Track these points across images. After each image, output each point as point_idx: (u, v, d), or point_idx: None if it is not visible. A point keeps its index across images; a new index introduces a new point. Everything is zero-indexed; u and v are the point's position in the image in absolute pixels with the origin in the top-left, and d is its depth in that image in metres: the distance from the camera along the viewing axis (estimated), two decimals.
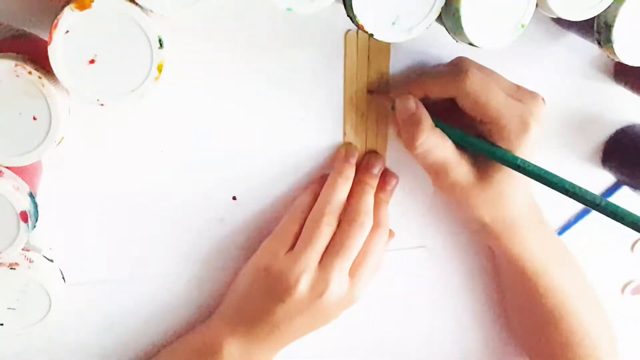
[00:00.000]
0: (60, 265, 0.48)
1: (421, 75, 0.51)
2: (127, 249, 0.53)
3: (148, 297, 0.55)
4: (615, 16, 0.46)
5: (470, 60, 0.51)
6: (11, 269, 0.44)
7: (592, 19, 0.46)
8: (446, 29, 0.45)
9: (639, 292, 0.68)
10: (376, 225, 0.53)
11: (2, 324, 0.46)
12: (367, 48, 0.52)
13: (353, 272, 0.52)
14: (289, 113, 0.52)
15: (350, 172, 0.53)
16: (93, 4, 0.38)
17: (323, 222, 0.51)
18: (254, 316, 0.52)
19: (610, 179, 0.62)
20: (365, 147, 0.55)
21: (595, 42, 0.48)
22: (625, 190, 0.62)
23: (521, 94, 0.50)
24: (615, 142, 0.60)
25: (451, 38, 0.45)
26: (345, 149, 0.54)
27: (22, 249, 0.44)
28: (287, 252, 0.52)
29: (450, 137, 0.50)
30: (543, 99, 0.50)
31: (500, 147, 0.49)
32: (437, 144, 0.49)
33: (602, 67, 0.57)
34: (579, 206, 0.62)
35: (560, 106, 0.58)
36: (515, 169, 0.49)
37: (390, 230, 0.56)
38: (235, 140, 0.52)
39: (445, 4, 0.43)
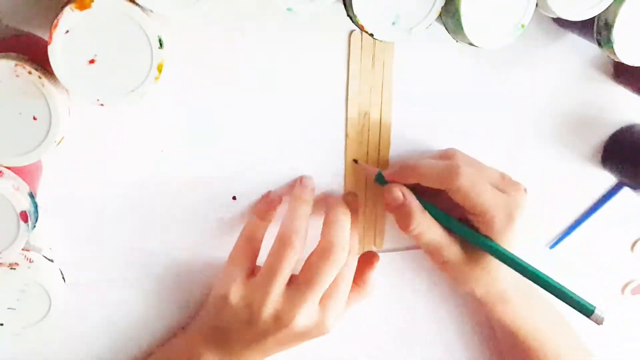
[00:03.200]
0: (60, 265, 0.48)
1: (415, 167, 0.52)
2: (127, 249, 0.53)
3: (148, 297, 0.55)
4: (615, 16, 0.46)
5: (461, 155, 0.54)
6: (11, 269, 0.44)
7: (592, 19, 0.46)
8: (446, 29, 0.45)
9: (639, 292, 0.68)
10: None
11: (2, 324, 0.46)
12: (372, 48, 0.52)
13: (324, 302, 0.52)
14: (289, 113, 0.52)
15: (309, 196, 0.53)
16: (93, 4, 0.38)
17: (288, 250, 0.50)
18: (225, 336, 0.52)
19: (610, 179, 0.62)
20: (368, 147, 0.55)
21: (595, 42, 0.48)
22: (626, 191, 0.62)
23: (505, 185, 0.53)
24: (615, 142, 0.60)
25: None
26: (300, 178, 0.54)
27: (22, 249, 0.44)
28: (248, 276, 0.52)
29: (438, 221, 0.52)
30: (525, 189, 0.53)
31: (482, 236, 0.52)
32: (427, 228, 0.52)
33: (602, 67, 0.57)
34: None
35: (561, 106, 0.58)
36: (496, 257, 0.52)
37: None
38: (235, 140, 0.52)
39: (445, 4, 0.43)
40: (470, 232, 0.52)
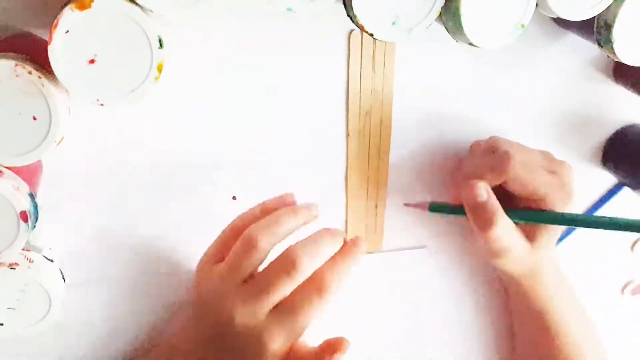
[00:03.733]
0: (60, 265, 0.48)
1: (465, 175, 0.52)
2: (127, 249, 0.53)
3: (148, 297, 0.55)
4: (615, 16, 0.46)
5: (505, 141, 0.53)
6: (11, 269, 0.44)
7: (592, 19, 0.46)
8: (446, 29, 0.45)
9: (639, 292, 0.67)
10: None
11: (2, 324, 0.46)
12: (372, 47, 0.52)
13: (276, 312, 0.46)
14: (289, 113, 0.52)
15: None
16: (93, 4, 0.38)
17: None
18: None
19: (610, 179, 0.62)
20: (369, 146, 0.55)
21: (595, 42, 0.48)
22: (626, 191, 0.62)
23: (554, 165, 0.53)
24: (615, 142, 0.60)
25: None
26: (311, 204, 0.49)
27: (22, 249, 0.44)
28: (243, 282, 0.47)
29: (512, 219, 0.52)
30: (570, 165, 0.53)
31: (565, 213, 0.52)
32: (507, 231, 0.51)
33: (602, 67, 0.57)
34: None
35: (561, 106, 0.58)
36: (573, 226, 0.53)
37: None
38: (235, 140, 0.52)
39: (445, 4, 0.43)
40: (545, 214, 0.52)
